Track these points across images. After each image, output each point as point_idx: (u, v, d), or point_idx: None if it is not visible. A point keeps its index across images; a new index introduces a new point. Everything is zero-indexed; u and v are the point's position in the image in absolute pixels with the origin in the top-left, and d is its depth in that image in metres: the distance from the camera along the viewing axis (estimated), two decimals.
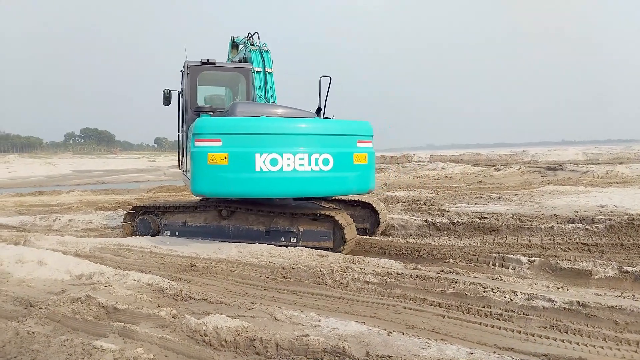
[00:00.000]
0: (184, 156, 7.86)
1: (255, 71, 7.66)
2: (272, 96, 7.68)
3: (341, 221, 6.07)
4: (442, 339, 3.28)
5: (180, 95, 8.11)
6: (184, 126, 7.80)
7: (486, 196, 11.07)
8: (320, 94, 6.52)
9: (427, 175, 20.48)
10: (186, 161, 7.17)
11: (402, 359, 2.86)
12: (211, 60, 7.64)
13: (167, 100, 8.06)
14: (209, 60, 7.61)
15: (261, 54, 7.79)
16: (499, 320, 3.66)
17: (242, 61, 8.40)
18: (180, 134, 8.20)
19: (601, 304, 3.63)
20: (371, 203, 7.38)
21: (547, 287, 4.27)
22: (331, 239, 6.20)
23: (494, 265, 5.30)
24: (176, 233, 7.14)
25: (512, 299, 3.90)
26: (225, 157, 5.79)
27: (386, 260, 5.38)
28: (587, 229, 6.56)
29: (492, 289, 4.07)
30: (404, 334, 3.31)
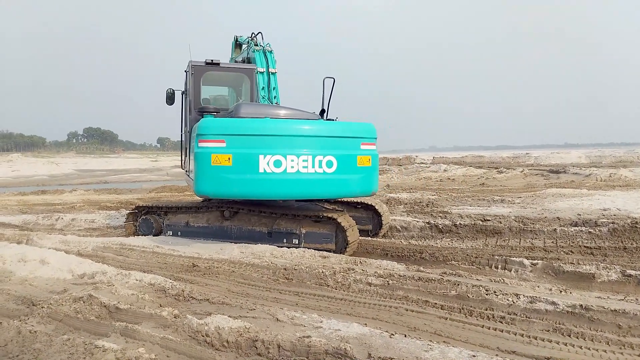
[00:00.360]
0: (187, 156, 7.86)
1: (259, 71, 7.65)
2: (275, 97, 7.67)
3: (344, 223, 6.07)
4: (445, 342, 3.27)
5: (183, 95, 8.11)
6: (187, 126, 7.80)
7: (489, 198, 11.04)
8: (324, 95, 6.50)
9: (430, 177, 20.45)
10: (189, 161, 7.17)
11: None
12: (215, 60, 7.63)
13: (171, 99, 8.07)
14: (213, 60, 7.61)
15: (265, 54, 7.79)
16: (501, 323, 3.65)
17: (245, 61, 8.39)
18: (184, 134, 8.20)
19: (604, 308, 3.61)
20: (374, 205, 7.38)
21: (550, 290, 4.26)
22: (333, 241, 6.19)
23: (497, 267, 5.29)
24: (178, 233, 7.16)
25: (514, 301, 3.88)
26: (229, 158, 5.78)
27: (388, 262, 5.37)
28: (590, 232, 6.55)
29: (495, 292, 4.06)
30: (406, 336, 3.30)
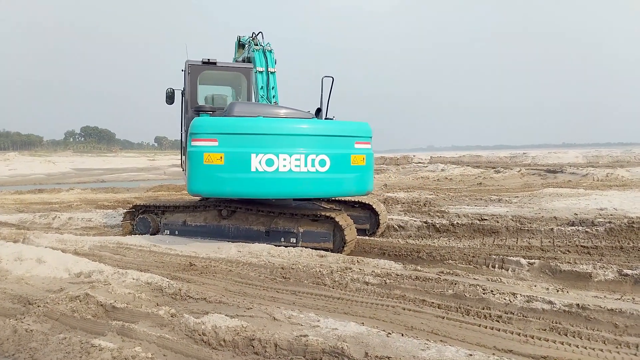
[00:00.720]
0: (184, 155, 7.85)
1: (258, 71, 7.64)
2: (274, 96, 7.65)
3: (341, 222, 6.06)
4: (442, 341, 3.27)
5: (182, 95, 8.11)
6: (185, 126, 7.79)
7: (486, 198, 11.06)
8: (322, 94, 6.49)
9: (427, 177, 20.47)
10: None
11: None
12: (212, 59, 7.62)
13: (170, 99, 8.06)
14: (209, 59, 7.59)
15: (264, 54, 7.77)
16: (498, 322, 3.65)
17: (246, 60, 8.38)
18: (183, 133, 8.19)
19: (601, 307, 3.62)
20: (371, 204, 7.38)
21: (547, 289, 4.27)
22: (331, 240, 6.19)
23: (494, 267, 5.30)
24: (176, 232, 7.14)
25: (511, 300, 3.89)
26: (221, 157, 5.76)
27: (386, 261, 5.38)
28: (587, 231, 6.56)
29: (492, 291, 4.06)
30: (403, 335, 3.30)
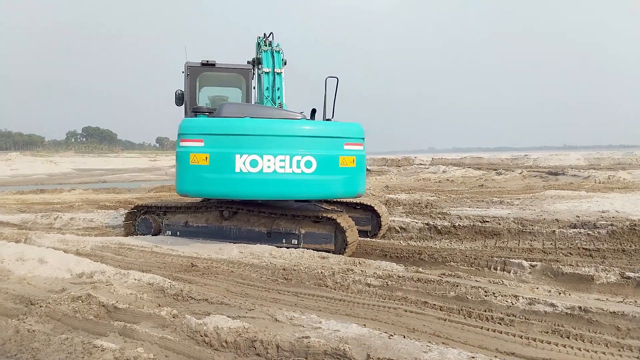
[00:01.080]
0: None
1: (264, 72, 7.62)
2: (279, 97, 7.63)
3: (343, 224, 6.06)
4: (443, 343, 3.27)
5: (183, 96, 8.12)
6: None
7: (487, 200, 11.05)
8: (326, 94, 6.47)
9: (429, 179, 20.48)
10: None
11: None
12: (211, 61, 7.65)
13: (180, 100, 8.08)
14: (208, 61, 7.63)
15: (272, 55, 7.76)
16: (500, 324, 3.65)
17: (256, 61, 8.34)
18: None
19: (603, 310, 3.61)
20: (373, 206, 7.37)
21: (549, 291, 4.26)
22: (333, 241, 6.19)
23: (496, 269, 5.29)
24: (177, 233, 7.15)
25: (513, 303, 3.88)
26: (206, 158, 5.77)
27: (387, 262, 5.38)
28: (588, 234, 6.56)
29: (494, 293, 4.06)
30: (405, 337, 3.30)
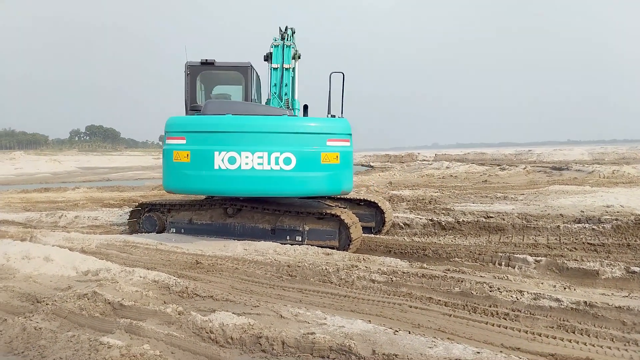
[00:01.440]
0: None
1: (273, 68, 7.58)
2: (286, 93, 7.60)
3: (347, 220, 6.06)
4: (449, 338, 3.27)
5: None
6: None
7: (491, 195, 11.03)
8: (330, 90, 6.43)
9: (432, 174, 20.45)
10: None
11: (408, 357, 2.85)
12: (210, 60, 7.66)
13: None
14: (207, 60, 7.65)
15: (282, 50, 7.72)
16: (505, 319, 3.65)
17: (269, 56, 8.27)
18: None
19: (608, 304, 3.61)
20: (377, 202, 7.36)
21: (554, 286, 4.25)
22: (337, 238, 6.20)
23: (500, 264, 5.28)
24: (182, 230, 7.16)
25: (518, 298, 3.88)
26: (188, 155, 5.84)
27: (392, 258, 5.37)
28: (593, 229, 6.54)
29: (499, 289, 4.05)
30: (410, 332, 3.30)
